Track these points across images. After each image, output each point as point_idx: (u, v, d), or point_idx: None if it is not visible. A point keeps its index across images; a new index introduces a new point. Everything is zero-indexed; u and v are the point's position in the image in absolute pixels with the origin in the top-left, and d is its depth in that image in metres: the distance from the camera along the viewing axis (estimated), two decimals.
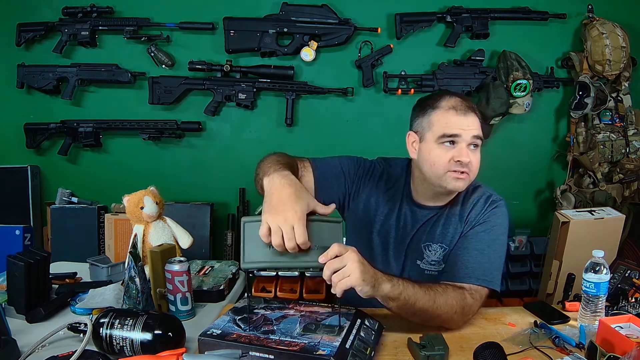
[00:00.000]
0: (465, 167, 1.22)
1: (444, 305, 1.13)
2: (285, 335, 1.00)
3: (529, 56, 2.42)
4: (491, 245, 1.26)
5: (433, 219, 1.33)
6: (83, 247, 2.39)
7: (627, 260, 1.43)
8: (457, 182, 1.23)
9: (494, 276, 1.24)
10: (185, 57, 2.45)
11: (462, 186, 1.24)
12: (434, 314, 1.13)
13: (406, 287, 1.09)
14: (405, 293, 1.08)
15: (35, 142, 2.51)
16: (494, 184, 1.41)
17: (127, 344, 1.01)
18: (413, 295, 1.09)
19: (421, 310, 1.11)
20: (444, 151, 1.23)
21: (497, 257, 1.26)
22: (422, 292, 1.11)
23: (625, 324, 1.06)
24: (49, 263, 1.32)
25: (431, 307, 1.12)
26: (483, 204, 1.30)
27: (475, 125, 1.23)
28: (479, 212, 1.29)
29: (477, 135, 1.23)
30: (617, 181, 2.43)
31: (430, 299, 1.12)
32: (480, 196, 1.32)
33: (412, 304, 1.09)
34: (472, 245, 1.26)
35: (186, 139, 2.57)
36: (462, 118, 1.22)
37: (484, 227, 1.28)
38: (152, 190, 1.49)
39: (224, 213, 2.59)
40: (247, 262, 0.99)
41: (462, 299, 1.17)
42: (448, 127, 1.22)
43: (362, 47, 2.47)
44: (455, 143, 1.22)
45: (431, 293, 1.12)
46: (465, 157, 1.20)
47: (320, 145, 2.56)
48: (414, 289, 1.10)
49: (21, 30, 2.43)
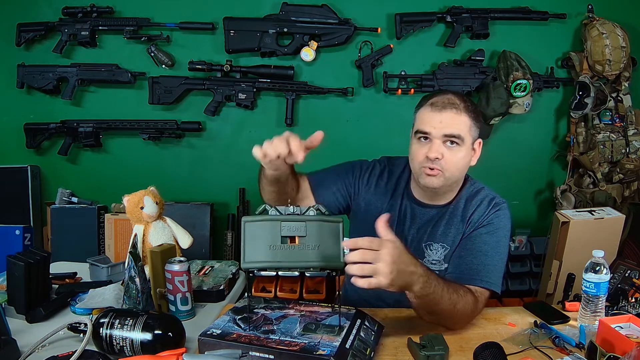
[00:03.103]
0: (435, 163, 1.22)
1: (461, 310, 1.14)
2: (285, 335, 1.00)
3: (529, 56, 2.42)
4: (495, 247, 1.26)
5: (435, 219, 1.33)
6: (83, 247, 2.38)
7: (627, 260, 1.43)
8: (428, 178, 1.24)
9: (497, 278, 1.25)
10: (185, 57, 2.45)
11: (434, 183, 1.24)
12: (449, 316, 1.13)
13: (436, 289, 1.06)
14: (433, 296, 1.07)
15: (35, 142, 2.51)
16: (494, 184, 1.41)
17: (127, 344, 1.01)
18: (439, 298, 1.08)
19: (440, 311, 1.11)
20: (419, 147, 1.25)
21: (500, 260, 1.27)
22: (447, 296, 1.09)
23: (625, 324, 1.06)
24: (49, 263, 1.32)
25: (450, 310, 1.12)
26: (486, 206, 1.31)
27: (450, 123, 1.22)
28: (482, 214, 1.30)
29: (449, 133, 1.21)
30: (617, 181, 2.43)
31: (452, 302, 1.11)
32: (484, 198, 1.32)
33: (434, 304, 1.09)
34: (476, 247, 1.26)
35: (186, 139, 2.57)
36: (435, 114, 1.23)
37: (487, 229, 1.28)
38: (152, 190, 1.49)
39: (224, 213, 2.59)
40: (247, 262, 0.99)
41: (474, 303, 1.17)
42: (422, 123, 1.25)
43: (362, 47, 2.47)
44: (428, 139, 1.24)
45: (454, 297, 1.11)
46: (432, 153, 1.21)
47: (320, 145, 2.56)
48: (442, 291, 1.08)
49: (21, 30, 2.43)
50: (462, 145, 1.23)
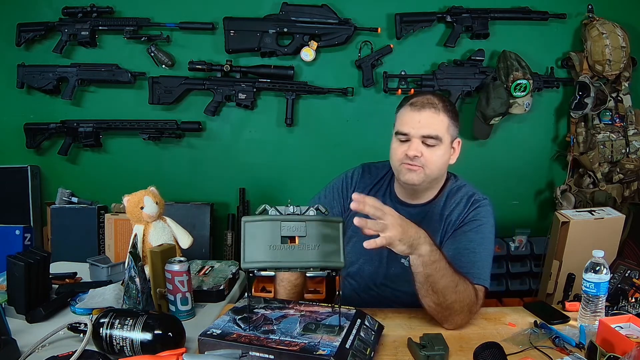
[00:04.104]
0: (415, 161, 1.25)
1: (462, 292, 1.15)
2: (285, 335, 1.00)
3: (529, 56, 2.41)
4: (481, 244, 1.28)
5: (417, 217, 1.34)
6: (83, 247, 2.38)
7: (627, 260, 1.43)
8: (409, 173, 1.27)
9: (487, 275, 1.26)
10: (185, 57, 2.45)
11: (415, 178, 1.27)
12: (450, 299, 1.14)
13: (441, 259, 1.12)
14: (439, 264, 1.11)
15: (35, 142, 2.51)
16: (494, 184, 1.41)
17: (127, 344, 1.01)
18: (443, 270, 1.11)
19: (442, 290, 1.13)
20: (398, 145, 1.29)
21: (488, 256, 1.29)
22: (450, 272, 1.13)
23: (625, 324, 1.06)
24: (49, 263, 1.32)
25: (452, 289, 1.13)
26: (465, 204, 1.32)
27: (428, 123, 1.25)
28: (460, 212, 1.31)
29: (427, 134, 1.25)
30: (617, 181, 2.43)
31: (454, 280, 1.14)
32: (463, 196, 1.34)
33: (439, 279, 1.11)
34: (462, 245, 1.27)
35: (186, 139, 2.57)
36: (414, 114, 1.26)
37: (470, 227, 1.29)
38: (152, 190, 1.49)
39: (224, 213, 2.59)
40: (247, 262, 0.99)
41: (474, 294, 1.19)
42: (401, 124, 1.29)
43: (362, 47, 2.46)
44: (407, 140, 1.27)
45: (456, 277, 1.15)
46: (412, 151, 1.25)
47: (320, 145, 2.56)
48: (446, 265, 1.13)
49: (21, 30, 2.43)
50: (441, 144, 1.27)
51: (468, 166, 1.43)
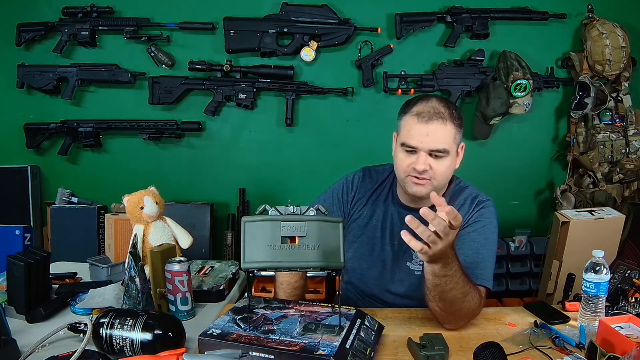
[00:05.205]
0: (423, 174, 1.24)
1: (470, 302, 1.15)
2: (285, 335, 1.00)
3: (529, 56, 2.41)
4: (485, 244, 1.28)
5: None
6: (83, 247, 2.38)
7: (627, 260, 1.43)
8: (416, 186, 1.26)
9: (490, 275, 1.26)
10: (185, 57, 2.45)
11: (422, 191, 1.26)
12: (456, 307, 1.14)
13: (454, 274, 1.09)
14: (450, 279, 1.09)
15: (35, 142, 2.51)
16: (494, 184, 1.41)
17: (127, 344, 1.01)
18: (454, 283, 1.10)
19: (450, 299, 1.12)
20: (405, 156, 1.27)
21: (491, 257, 1.29)
22: (461, 284, 1.12)
23: (625, 324, 1.06)
24: (49, 263, 1.32)
25: (461, 299, 1.13)
26: (469, 206, 1.32)
27: (437, 136, 1.22)
28: (465, 213, 1.31)
29: (436, 148, 1.22)
30: (617, 181, 2.43)
31: (464, 292, 1.13)
32: (467, 197, 1.34)
33: (447, 290, 1.10)
34: (466, 246, 1.27)
35: (186, 139, 2.57)
36: (422, 126, 1.23)
37: (474, 227, 1.29)
38: (152, 190, 1.49)
39: (224, 213, 2.59)
40: (247, 262, 0.99)
41: (479, 300, 1.19)
42: (408, 136, 1.25)
43: (362, 47, 2.46)
44: (414, 152, 1.24)
45: (467, 287, 1.13)
46: (420, 166, 1.22)
47: (320, 145, 2.56)
48: (459, 279, 1.10)
49: (21, 30, 2.43)
50: (448, 155, 1.25)
51: (468, 166, 1.43)
